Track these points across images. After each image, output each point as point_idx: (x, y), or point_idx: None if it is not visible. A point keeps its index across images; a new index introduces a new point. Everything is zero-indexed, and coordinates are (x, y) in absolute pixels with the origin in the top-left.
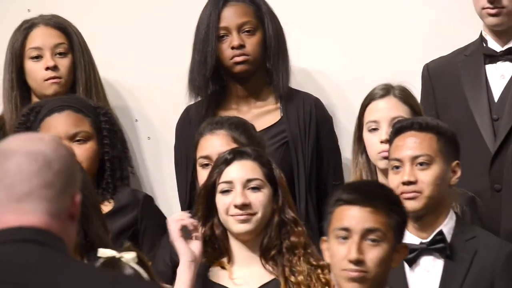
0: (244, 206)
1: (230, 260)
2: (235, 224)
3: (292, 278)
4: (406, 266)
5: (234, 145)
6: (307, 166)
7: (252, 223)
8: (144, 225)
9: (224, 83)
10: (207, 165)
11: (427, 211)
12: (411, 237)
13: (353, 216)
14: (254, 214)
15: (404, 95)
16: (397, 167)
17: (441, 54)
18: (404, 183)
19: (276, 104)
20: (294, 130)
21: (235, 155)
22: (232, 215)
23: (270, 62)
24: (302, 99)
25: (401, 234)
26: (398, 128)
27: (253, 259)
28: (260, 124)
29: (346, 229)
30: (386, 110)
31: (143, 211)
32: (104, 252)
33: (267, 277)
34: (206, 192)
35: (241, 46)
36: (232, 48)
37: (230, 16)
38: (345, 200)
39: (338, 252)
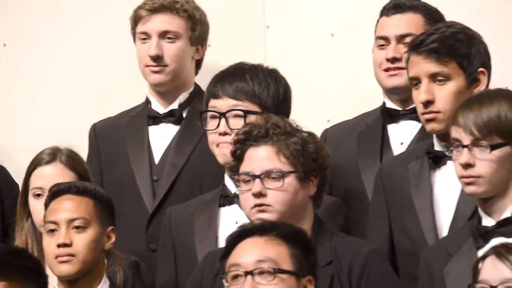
0: None
1: None
2: None
3: None
4: None
5: None
6: None
7: None
8: None
9: None
10: None
11: (81, 275)
12: None
13: None
14: None
15: (71, 161)
16: (52, 230)
17: (110, 115)
18: (59, 246)
19: None
20: None
21: None
22: None
23: None
24: None
25: None
26: (56, 192)
27: None
28: None
29: None
30: (52, 177)
31: None
32: None
33: None
34: None
35: None
36: None
37: None
38: None
39: None
